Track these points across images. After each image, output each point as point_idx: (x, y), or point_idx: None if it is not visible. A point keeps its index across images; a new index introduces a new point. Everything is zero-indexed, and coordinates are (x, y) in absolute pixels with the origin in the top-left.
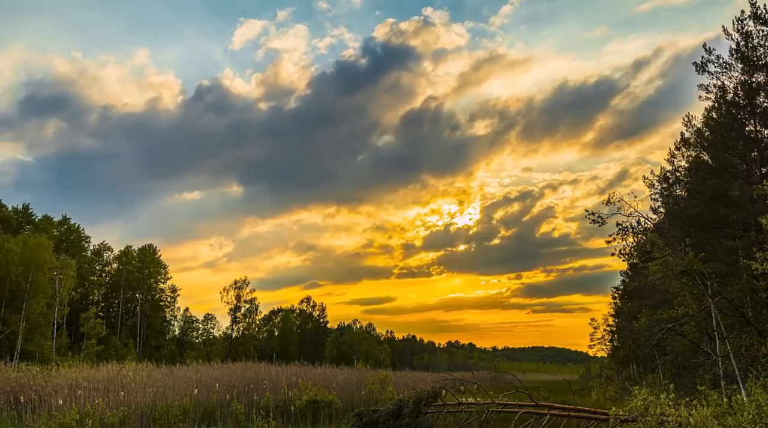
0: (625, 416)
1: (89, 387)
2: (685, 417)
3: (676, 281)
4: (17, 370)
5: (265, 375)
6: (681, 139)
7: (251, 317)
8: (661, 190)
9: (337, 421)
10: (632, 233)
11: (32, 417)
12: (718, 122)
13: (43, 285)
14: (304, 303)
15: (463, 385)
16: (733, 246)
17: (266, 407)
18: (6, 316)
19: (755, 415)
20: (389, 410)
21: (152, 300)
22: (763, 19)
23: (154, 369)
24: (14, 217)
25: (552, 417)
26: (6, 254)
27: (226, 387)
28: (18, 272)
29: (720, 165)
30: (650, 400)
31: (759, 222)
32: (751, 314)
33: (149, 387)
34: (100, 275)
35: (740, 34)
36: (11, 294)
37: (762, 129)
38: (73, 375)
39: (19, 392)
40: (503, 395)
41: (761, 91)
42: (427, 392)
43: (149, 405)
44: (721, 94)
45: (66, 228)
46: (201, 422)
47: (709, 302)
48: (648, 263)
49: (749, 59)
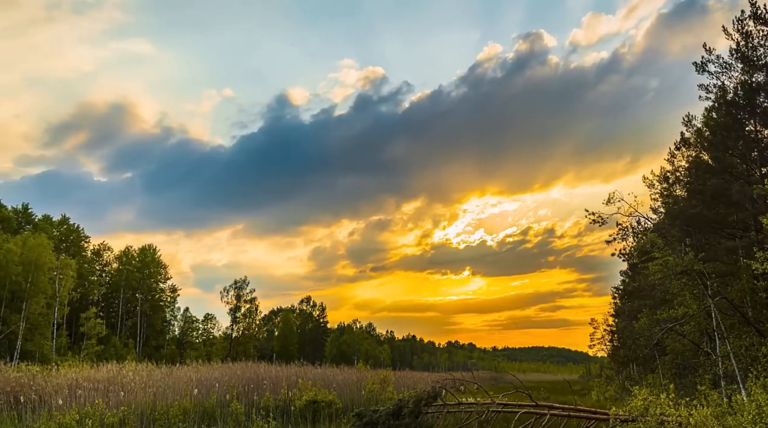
0: (625, 416)
1: (89, 387)
2: (685, 417)
3: (676, 281)
4: (17, 370)
5: (265, 375)
6: (681, 139)
7: (251, 317)
8: (661, 190)
9: (337, 421)
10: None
11: (32, 417)
12: (718, 122)
13: (43, 285)
14: (304, 303)
15: (463, 385)
16: (733, 246)
17: (266, 407)
18: (6, 316)
19: (755, 415)
20: (389, 410)
21: (152, 300)
22: (763, 19)
23: (154, 369)
24: (14, 217)
25: (552, 417)
26: (6, 254)
27: (226, 387)
28: (18, 272)
29: (720, 165)
30: (650, 400)
31: (759, 222)
32: (751, 314)
33: (149, 387)
34: (100, 275)
35: (740, 34)
36: (11, 294)
37: (762, 129)
38: (73, 375)
39: (19, 392)
40: (503, 395)
41: (761, 91)
42: (427, 392)
43: (149, 405)
44: (721, 94)
45: (66, 228)
46: (201, 422)
47: (709, 302)
48: (648, 263)
49: (749, 59)
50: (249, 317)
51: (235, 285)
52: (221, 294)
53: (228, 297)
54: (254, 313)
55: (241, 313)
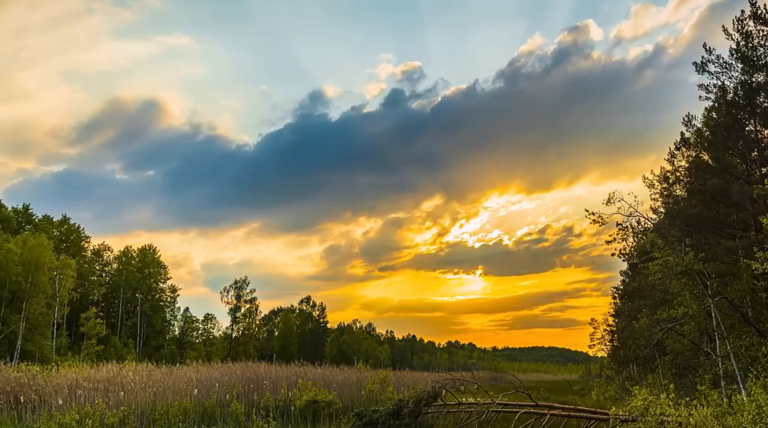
0: (625, 416)
1: (89, 387)
2: (685, 417)
3: (676, 281)
4: (17, 370)
5: (265, 375)
6: (681, 139)
7: (251, 317)
8: (661, 190)
9: (337, 421)
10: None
11: (32, 417)
12: (718, 122)
13: (43, 285)
14: (304, 303)
15: (463, 385)
16: (733, 246)
17: (266, 407)
18: (6, 316)
19: (755, 415)
20: (389, 410)
21: (152, 300)
22: (763, 19)
23: (154, 369)
24: (14, 217)
25: (552, 417)
26: (6, 254)
27: (226, 387)
28: (18, 272)
29: (720, 165)
30: (650, 400)
31: (759, 222)
32: (751, 314)
33: (149, 387)
34: (100, 275)
35: (740, 34)
36: (11, 294)
37: (762, 129)
38: (73, 375)
39: (19, 392)
40: (503, 395)
41: (761, 91)
42: (427, 392)
43: (149, 405)
44: (721, 94)
45: (66, 228)
46: (201, 422)
47: (709, 302)
48: (648, 263)
49: (749, 59)
50: (249, 318)
51: (235, 285)
52: (221, 294)
53: (228, 297)
54: (254, 313)
55: (241, 313)
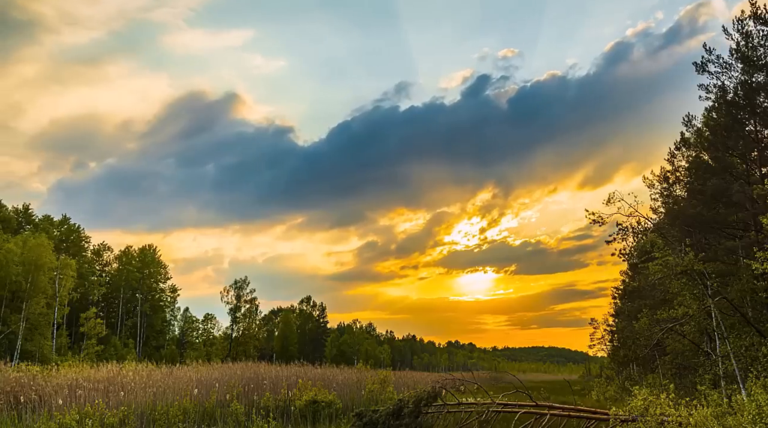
0: (625, 416)
1: (89, 387)
2: (685, 417)
3: (676, 281)
4: (17, 370)
5: (265, 375)
6: (681, 139)
7: (251, 317)
8: (661, 190)
9: (337, 421)
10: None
11: (32, 417)
12: (718, 122)
13: (43, 285)
14: (304, 303)
15: (463, 385)
16: (733, 246)
17: (266, 407)
18: (6, 316)
19: (755, 415)
20: (389, 410)
21: (152, 300)
22: (763, 19)
23: (154, 369)
24: (14, 217)
25: (552, 417)
26: (6, 254)
27: (226, 387)
28: (18, 272)
29: (720, 165)
30: (650, 400)
31: (759, 222)
32: (751, 315)
33: (149, 387)
34: (100, 275)
35: (740, 34)
36: (11, 294)
37: (762, 129)
38: (73, 375)
39: (19, 392)
40: (503, 395)
41: (761, 91)
42: (427, 392)
43: (149, 405)
44: (721, 94)
45: (66, 228)
46: (201, 422)
47: (709, 302)
48: (648, 263)
49: (749, 59)
50: (249, 318)
51: (235, 285)
52: (221, 294)
53: (228, 297)
54: (254, 313)
55: (241, 313)
